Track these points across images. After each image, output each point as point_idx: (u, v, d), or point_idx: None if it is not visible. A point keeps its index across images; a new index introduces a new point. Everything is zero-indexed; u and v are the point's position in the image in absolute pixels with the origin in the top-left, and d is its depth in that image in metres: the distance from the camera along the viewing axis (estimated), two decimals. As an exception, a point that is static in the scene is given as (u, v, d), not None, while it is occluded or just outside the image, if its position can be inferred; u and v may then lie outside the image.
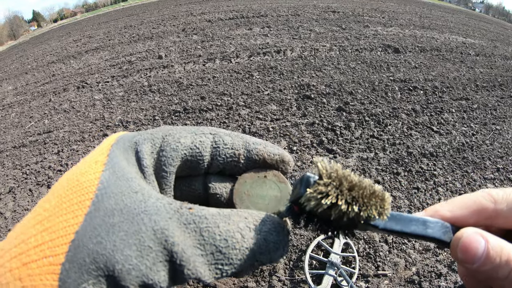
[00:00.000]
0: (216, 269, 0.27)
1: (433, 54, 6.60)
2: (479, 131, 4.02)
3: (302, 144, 3.65)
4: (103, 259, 0.24)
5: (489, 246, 0.29)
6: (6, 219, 3.20)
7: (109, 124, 4.42)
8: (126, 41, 8.50)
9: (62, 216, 0.26)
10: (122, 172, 0.29)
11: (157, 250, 0.25)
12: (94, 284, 0.24)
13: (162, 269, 0.26)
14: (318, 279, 2.35)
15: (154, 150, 0.32)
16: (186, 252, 0.26)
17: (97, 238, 0.25)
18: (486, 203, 0.32)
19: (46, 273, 0.24)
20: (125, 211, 0.26)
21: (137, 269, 0.25)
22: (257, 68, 5.57)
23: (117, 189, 0.28)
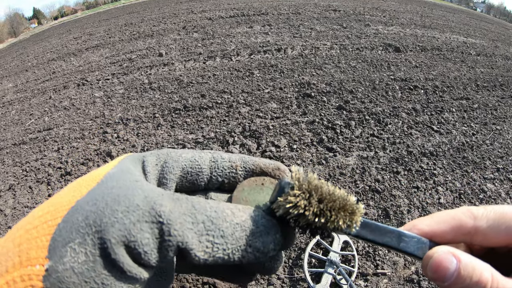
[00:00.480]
0: (207, 241, 0.27)
1: (434, 54, 6.59)
2: (479, 131, 4.01)
3: (302, 143, 3.65)
4: (93, 216, 0.25)
5: (460, 266, 0.29)
6: (6, 216, 3.20)
7: (109, 121, 4.42)
8: (126, 39, 8.49)
9: (68, 195, 0.28)
10: (127, 170, 0.31)
11: (144, 209, 0.26)
12: (80, 244, 0.24)
13: (147, 230, 0.25)
14: (317, 278, 2.36)
15: (158, 163, 0.34)
16: (174, 214, 0.26)
17: (93, 201, 0.26)
18: (465, 219, 0.32)
19: (42, 235, 0.25)
20: (123, 186, 0.28)
21: (121, 222, 0.25)
22: (258, 66, 5.56)
23: (120, 176, 0.30)
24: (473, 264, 0.29)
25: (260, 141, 3.68)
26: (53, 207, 0.27)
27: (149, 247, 0.25)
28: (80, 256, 0.24)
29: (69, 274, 0.24)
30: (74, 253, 0.24)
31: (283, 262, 0.32)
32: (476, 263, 0.29)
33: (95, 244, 0.25)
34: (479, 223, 0.31)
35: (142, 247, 0.25)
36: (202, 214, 0.27)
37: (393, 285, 2.33)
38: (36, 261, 0.24)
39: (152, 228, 0.26)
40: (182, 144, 3.73)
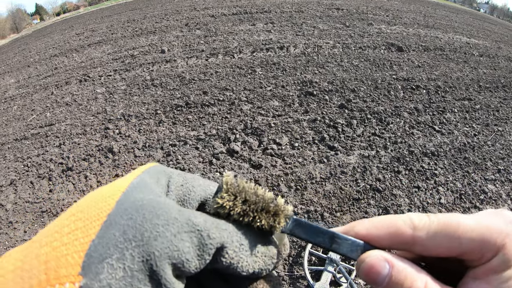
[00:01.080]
0: (237, 241, 0.30)
1: (436, 54, 6.57)
2: (481, 132, 4.01)
3: (304, 141, 3.65)
4: (133, 230, 0.25)
5: (392, 272, 0.29)
6: (7, 211, 3.21)
7: (111, 117, 4.42)
8: (128, 35, 8.48)
9: (95, 207, 0.28)
10: (149, 183, 0.31)
11: (181, 221, 0.27)
12: (118, 260, 0.24)
13: (187, 240, 0.27)
14: (317, 275, 2.36)
15: (184, 184, 0.34)
16: (208, 223, 0.28)
17: (127, 215, 0.26)
18: (403, 228, 0.31)
19: (73, 251, 0.25)
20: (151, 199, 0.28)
21: (163, 235, 0.26)
22: (260, 64, 5.55)
23: (144, 188, 0.30)
24: (406, 272, 0.29)
25: (261, 139, 3.68)
26: (82, 223, 0.26)
27: (190, 255, 0.27)
28: (118, 272, 0.24)
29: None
30: (112, 269, 0.24)
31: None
32: (410, 271, 0.29)
33: (134, 258, 0.25)
34: (418, 233, 0.30)
35: (185, 255, 0.26)
36: (230, 225, 0.30)
37: (392, 285, 2.33)
38: (66, 279, 0.23)
39: (191, 237, 0.27)
40: (184, 141, 3.73)
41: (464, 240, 0.29)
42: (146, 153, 3.65)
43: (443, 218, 0.30)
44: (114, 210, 0.27)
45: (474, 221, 0.30)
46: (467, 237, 0.29)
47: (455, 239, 0.29)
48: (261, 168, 3.29)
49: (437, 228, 0.30)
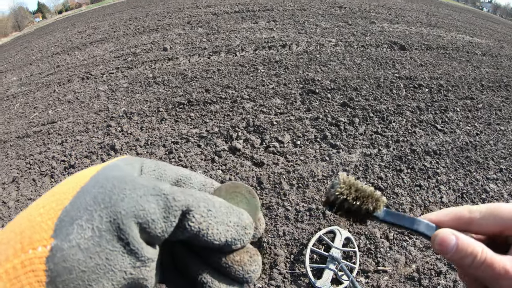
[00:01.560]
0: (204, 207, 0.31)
1: (439, 52, 6.56)
2: (483, 131, 4.00)
3: (306, 139, 3.65)
4: (102, 195, 0.27)
5: (458, 242, 0.38)
6: (9, 209, 3.22)
7: (113, 115, 4.43)
8: (131, 33, 8.48)
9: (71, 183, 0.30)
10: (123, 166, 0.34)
11: (148, 186, 0.28)
12: (87, 220, 0.25)
13: (153, 201, 0.28)
14: (318, 273, 2.36)
15: (156, 169, 0.37)
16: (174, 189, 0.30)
17: (99, 185, 0.28)
18: (463, 212, 0.42)
19: (47, 219, 0.26)
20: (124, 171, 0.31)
21: (129, 197, 0.27)
22: (262, 61, 5.55)
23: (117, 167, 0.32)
24: (468, 241, 0.38)
25: (263, 137, 3.68)
26: (58, 195, 0.28)
27: (156, 215, 0.28)
28: (87, 232, 0.25)
29: (74, 251, 0.24)
30: (81, 229, 0.25)
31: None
32: (471, 240, 0.38)
33: (102, 219, 0.26)
34: (473, 215, 0.41)
35: (150, 216, 0.27)
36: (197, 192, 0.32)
37: (393, 283, 2.34)
38: (39, 243, 0.24)
39: (157, 200, 0.28)
40: (186, 139, 3.74)
41: (505, 217, 0.39)
42: (148, 150, 3.66)
43: (489, 204, 0.41)
44: (88, 183, 0.29)
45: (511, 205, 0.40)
46: (507, 215, 0.39)
47: (499, 217, 0.40)
48: (263, 166, 3.30)
49: (486, 210, 0.41)
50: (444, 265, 2.41)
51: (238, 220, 0.33)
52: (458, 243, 0.38)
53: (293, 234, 2.61)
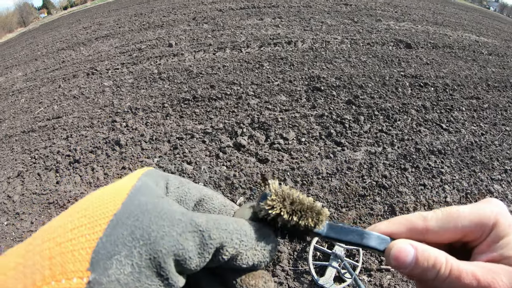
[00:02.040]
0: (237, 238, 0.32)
1: (445, 51, 6.50)
2: (488, 131, 3.97)
3: (311, 136, 3.64)
4: (140, 231, 0.27)
5: (417, 253, 0.34)
6: (14, 203, 3.25)
7: (118, 110, 4.44)
8: (136, 29, 8.48)
9: (101, 206, 0.29)
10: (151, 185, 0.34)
11: (185, 222, 0.29)
12: (126, 256, 0.26)
13: (191, 239, 0.29)
14: (321, 271, 2.36)
15: (180, 186, 0.37)
16: (210, 223, 0.30)
17: (134, 217, 0.28)
18: (416, 221, 0.38)
19: (80, 248, 0.25)
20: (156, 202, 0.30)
21: (169, 234, 0.28)
22: (268, 58, 5.54)
23: (147, 190, 0.32)
24: (428, 251, 0.34)
25: (268, 133, 3.68)
26: (87, 220, 0.27)
27: (193, 253, 0.28)
28: (126, 268, 0.25)
29: (114, 286, 0.25)
30: (120, 265, 0.25)
31: None
32: (431, 250, 0.34)
33: (142, 256, 0.26)
34: (429, 222, 0.37)
35: (188, 254, 0.28)
36: (229, 220, 0.32)
37: (396, 282, 2.34)
38: (73, 274, 0.24)
39: (194, 237, 0.29)
40: (191, 134, 3.74)
41: (465, 223, 0.36)
42: (153, 146, 3.67)
43: (445, 209, 0.37)
44: (121, 211, 0.28)
45: (470, 208, 0.37)
46: (467, 220, 0.36)
47: (458, 223, 0.36)
48: (268, 162, 3.30)
49: (443, 217, 0.37)
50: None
51: (265, 244, 0.34)
52: (417, 254, 0.34)
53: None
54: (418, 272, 0.34)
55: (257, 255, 0.33)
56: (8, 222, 3.06)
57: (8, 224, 3.04)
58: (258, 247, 0.33)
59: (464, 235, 0.36)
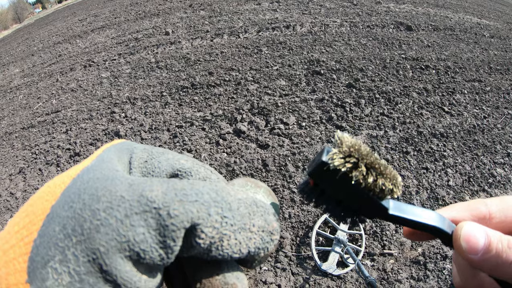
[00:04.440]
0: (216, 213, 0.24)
1: (446, 34, 6.39)
2: (490, 114, 3.91)
3: (311, 120, 3.61)
4: (71, 222, 0.21)
5: (489, 234, 0.30)
6: (17, 199, 3.26)
7: (117, 101, 4.42)
8: (132, 19, 8.39)
9: (43, 197, 0.24)
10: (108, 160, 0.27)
11: (130, 200, 0.22)
12: (61, 262, 0.20)
13: (140, 223, 0.21)
14: (324, 256, 2.36)
15: (148, 160, 0.29)
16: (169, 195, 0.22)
17: (68, 204, 0.22)
18: (479, 206, 0.34)
19: (19, 255, 0.21)
20: (101, 177, 0.23)
21: (106, 223, 0.21)
22: (266, 43, 5.47)
23: (98, 167, 0.25)
24: (498, 233, 0.30)
25: (268, 118, 3.65)
26: (28, 218, 0.23)
27: (147, 243, 0.21)
28: (64, 277, 0.20)
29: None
30: (57, 274, 0.20)
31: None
32: (501, 233, 0.31)
33: (78, 259, 0.20)
34: (490, 208, 0.34)
35: (139, 246, 0.21)
36: (203, 187, 0.24)
37: (399, 266, 2.33)
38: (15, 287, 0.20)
39: (146, 219, 0.21)
40: (190, 122, 3.72)
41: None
42: (152, 135, 3.65)
43: (504, 196, 0.35)
44: (58, 200, 0.23)
45: None
46: None
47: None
48: (268, 148, 3.28)
49: (502, 203, 0.34)
50: (450, 250, 2.39)
51: (263, 223, 0.26)
52: (490, 236, 0.30)
53: (299, 217, 2.60)
54: (492, 255, 0.29)
55: (253, 238, 0.25)
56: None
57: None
58: (254, 227, 0.25)
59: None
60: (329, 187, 0.29)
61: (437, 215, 0.32)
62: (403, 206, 0.31)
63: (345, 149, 0.28)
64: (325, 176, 0.28)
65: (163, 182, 0.23)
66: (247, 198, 0.25)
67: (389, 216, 0.31)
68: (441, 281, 2.23)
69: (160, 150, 0.31)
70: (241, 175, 3.01)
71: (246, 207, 0.25)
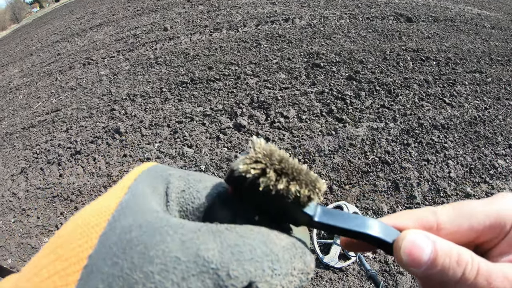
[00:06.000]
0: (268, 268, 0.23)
1: (447, 25, 6.34)
2: (492, 106, 3.88)
3: (312, 113, 3.60)
4: (120, 283, 0.19)
5: (436, 247, 0.27)
6: (20, 199, 3.27)
7: (116, 98, 4.42)
8: (130, 15, 8.36)
9: (76, 241, 0.22)
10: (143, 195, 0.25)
11: (187, 261, 0.20)
12: None
13: (198, 286, 0.20)
14: (326, 249, 2.36)
15: (186, 189, 0.27)
16: (225, 254, 0.21)
17: (112, 259, 0.20)
18: (427, 215, 0.31)
19: None
20: (145, 225, 0.22)
21: (162, 287, 0.19)
22: (265, 36, 5.44)
23: (136, 207, 0.23)
24: (449, 245, 0.27)
25: (268, 112, 3.65)
26: (61, 265, 0.21)
27: None
28: None
29: None
30: None
31: None
32: (452, 244, 0.27)
33: None
34: (440, 217, 0.30)
35: None
36: (255, 240, 0.23)
37: (401, 256, 2.33)
38: None
39: (204, 280, 0.20)
40: (190, 117, 3.72)
41: (480, 221, 0.29)
42: (153, 131, 3.65)
43: (457, 203, 0.31)
44: (97, 249, 0.21)
45: (483, 204, 0.30)
46: (483, 218, 0.29)
47: (472, 221, 0.30)
48: (269, 141, 3.27)
49: (454, 211, 0.30)
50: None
51: (303, 266, 0.25)
52: (436, 248, 0.26)
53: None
54: (436, 271, 0.26)
55: (293, 282, 0.24)
56: (15, 219, 3.09)
57: (15, 221, 3.07)
58: (295, 270, 0.24)
59: (479, 234, 0.30)
60: (246, 194, 0.27)
61: (377, 222, 0.29)
62: (335, 213, 0.29)
63: (252, 155, 0.26)
64: (237, 182, 0.26)
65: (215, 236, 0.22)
66: (287, 242, 0.24)
67: (315, 224, 0.28)
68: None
69: (197, 177, 0.29)
70: (242, 169, 3.00)
71: (288, 253, 0.24)
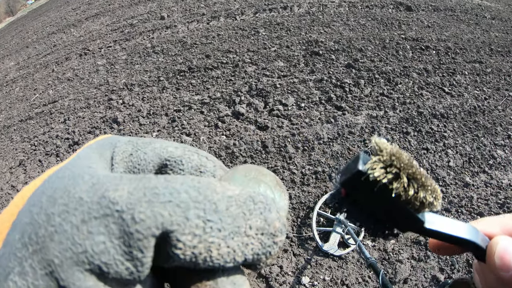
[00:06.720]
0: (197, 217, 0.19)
1: (447, 14, 6.29)
2: (491, 96, 3.87)
3: (310, 101, 3.58)
4: (28, 229, 0.18)
5: None
6: (19, 192, 3.26)
7: (114, 88, 4.39)
8: (126, 5, 8.27)
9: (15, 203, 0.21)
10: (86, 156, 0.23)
11: (90, 202, 0.18)
12: (20, 274, 0.17)
13: (100, 230, 0.17)
14: (325, 237, 2.36)
15: (134, 153, 0.25)
16: (136, 194, 0.18)
17: (29, 208, 0.19)
18: (510, 221, 0.32)
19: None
20: (66, 176, 0.20)
21: (60, 230, 0.17)
22: (263, 24, 5.39)
23: (70, 165, 0.22)
24: None
25: (267, 100, 3.63)
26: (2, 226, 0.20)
27: (109, 255, 0.17)
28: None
29: None
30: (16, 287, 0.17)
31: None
32: None
33: (36, 272, 0.17)
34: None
35: (99, 258, 0.17)
36: (182, 184, 0.19)
37: (400, 246, 2.34)
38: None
39: (107, 225, 0.17)
40: (188, 106, 3.70)
41: None
42: (150, 120, 3.63)
43: None
44: (24, 204, 0.20)
45: None
46: None
47: None
48: (268, 129, 3.27)
49: None
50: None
51: (263, 224, 0.20)
52: None
53: (300, 198, 2.60)
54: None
55: (250, 244, 0.20)
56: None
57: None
58: (251, 229, 0.20)
59: None
60: (364, 198, 0.27)
61: (471, 227, 0.30)
62: (436, 218, 0.29)
63: (386, 158, 0.25)
64: (360, 186, 0.26)
65: (136, 178, 0.19)
66: (241, 194, 0.21)
67: (423, 230, 0.28)
68: (441, 262, 2.24)
69: (147, 140, 0.27)
70: (241, 157, 2.99)
71: (238, 206, 0.20)
